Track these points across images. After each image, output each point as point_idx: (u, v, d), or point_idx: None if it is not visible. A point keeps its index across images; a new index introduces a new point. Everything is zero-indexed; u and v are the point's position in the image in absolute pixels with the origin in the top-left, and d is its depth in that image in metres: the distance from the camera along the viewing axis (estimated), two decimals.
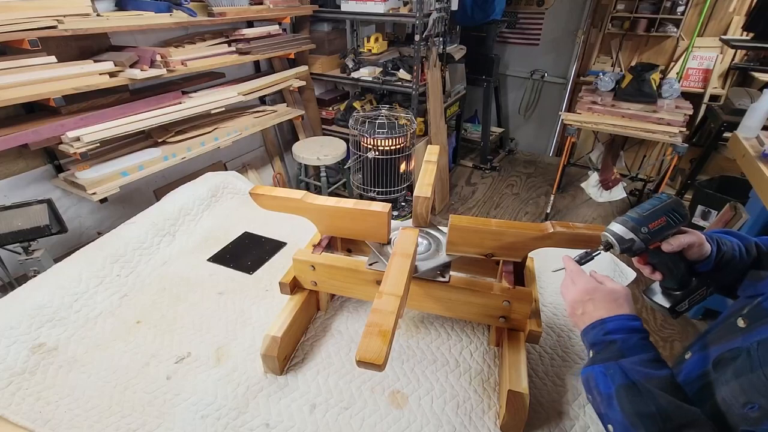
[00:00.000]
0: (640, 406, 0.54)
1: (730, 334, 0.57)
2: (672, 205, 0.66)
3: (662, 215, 0.65)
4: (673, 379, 0.56)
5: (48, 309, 1.04)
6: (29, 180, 1.80)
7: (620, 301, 0.67)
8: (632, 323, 0.63)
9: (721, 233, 0.72)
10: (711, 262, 0.68)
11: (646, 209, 0.66)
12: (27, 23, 1.44)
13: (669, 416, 0.52)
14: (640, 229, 0.65)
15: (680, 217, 0.65)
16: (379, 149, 2.44)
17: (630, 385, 0.56)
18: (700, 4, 3.16)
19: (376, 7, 2.60)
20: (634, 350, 0.59)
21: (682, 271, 0.68)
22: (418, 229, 0.96)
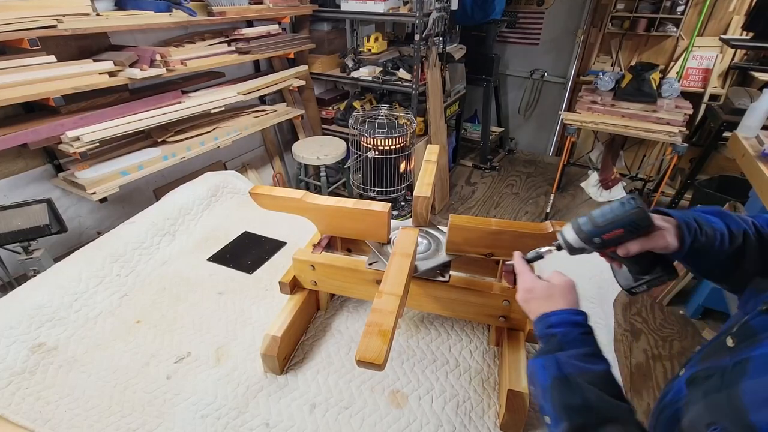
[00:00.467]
0: (568, 398, 0.55)
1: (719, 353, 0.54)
2: (633, 218, 0.60)
3: (620, 227, 0.61)
4: (607, 374, 0.57)
5: (48, 309, 1.04)
6: (29, 180, 1.80)
7: (555, 296, 0.67)
8: (574, 317, 0.64)
9: (712, 214, 0.66)
10: (681, 254, 0.63)
11: (605, 218, 0.62)
12: (26, 23, 1.43)
13: (593, 410, 0.53)
14: (592, 239, 0.63)
15: (639, 228, 0.61)
16: (378, 149, 2.44)
17: (562, 378, 0.57)
18: (699, 3, 3.16)
19: (376, 6, 2.60)
20: (572, 344, 0.60)
21: (643, 264, 0.65)
22: (417, 229, 0.96)
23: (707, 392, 0.49)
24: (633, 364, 2.06)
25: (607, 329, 1.07)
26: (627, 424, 0.52)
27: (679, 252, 0.62)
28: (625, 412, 0.53)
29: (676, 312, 2.36)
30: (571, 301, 0.67)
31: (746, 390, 0.44)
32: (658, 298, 2.43)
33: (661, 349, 2.14)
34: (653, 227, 0.61)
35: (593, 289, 1.20)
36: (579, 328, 0.63)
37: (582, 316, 0.64)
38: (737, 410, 0.43)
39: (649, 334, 2.23)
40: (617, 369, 0.97)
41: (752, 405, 0.42)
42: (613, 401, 0.54)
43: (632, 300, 2.45)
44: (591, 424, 0.52)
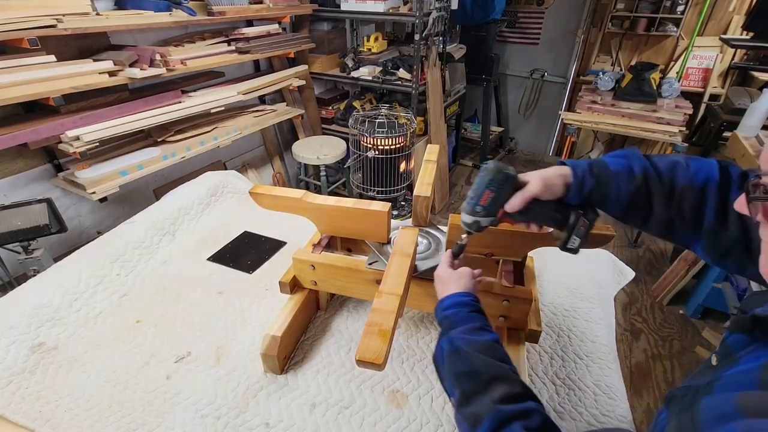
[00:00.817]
0: (458, 367, 0.60)
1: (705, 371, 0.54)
2: (489, 176, 0.67)
3: (485, 189, 0.68)
4: (493, 343, 0.62)
5: (48, 308, 1.04)
6: (29, 179, 1.80)
7: (451, 282, 0.74)
8: (463, 298, 0.70)
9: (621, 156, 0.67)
10: (577, 196, 0.66)
11: (473, 189, 0.69)
12: (26, 22, 1.43)
13: (480, 373, 0.58)
14: (475, 209, 0.69)
15: (502, 183, 0.67)
16: (378, 148, 2.44)
17: (454, 351, 0.62)
18: (699, 3, 3.16)
19: (376, 6, 2.59)
20: (462, 321, 0.66)
21: (549, 215, 0.69)
22: (417, 229, 0.96)
23: (679, 412, 0.49)
24: (633, 364, 2.06)
25: (608, 329, 1.07)
26: (510, 381, 0.57)
27: (575, 196, 0.66)
28: (505, 370, 0.58)
29: (675, 312, 2.36)
30: (463, 286, 0.73)
31: (704, 407, 0.43)
32: (657, 298, 2.44)
33: (661, 349, 2.14)
34: (517, 179, 0.68)
35: (593, 289, 1.20)
36: (467, 308, 0.68)
37: (470, 297, 0.71)
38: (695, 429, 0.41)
39: (649, 333, 2.23)
40: (618, 369, 0.97)
41: (706, 423, 0.41)
42: (497, 363, 0.59)
43: (632, 300, 2.45)
44: (479, 386, 0.57)
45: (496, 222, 0.71)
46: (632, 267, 1.36)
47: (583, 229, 0.67)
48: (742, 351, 0.49)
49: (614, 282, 1.28)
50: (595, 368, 0.96)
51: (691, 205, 0.61)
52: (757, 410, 0.37)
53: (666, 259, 2.78)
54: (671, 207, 0.62)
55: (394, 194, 2.63)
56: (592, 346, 1.02)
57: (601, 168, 0.66)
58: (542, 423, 0.52)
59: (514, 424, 0.51)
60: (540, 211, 0.68)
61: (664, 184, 0.63)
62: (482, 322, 0.66)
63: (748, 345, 0.49)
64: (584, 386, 0.92)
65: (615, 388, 0.92)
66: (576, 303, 1.15)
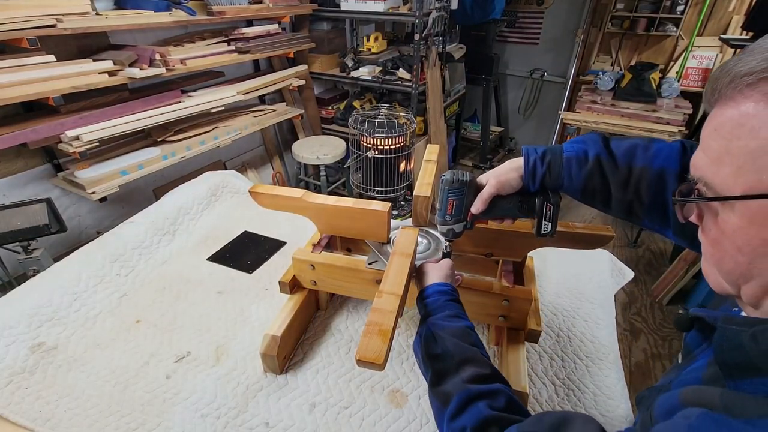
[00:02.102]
0: (432, 349, 0.63)
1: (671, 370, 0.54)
2: (447, 187, 0.72)
3: (447, 198, 0.73)
4: (466, 329, 0.65)
5: (47, 308, 1.04)
6: (28, 179, 1.80)
7: (432, 272, 0.77)
8: (441, 288, 0.73)
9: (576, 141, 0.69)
10: (531, 185, 0.69)
11: (438, 201, 0.74)
12: (26, 22, 1.43)
13: (451, 354, 0.61)
14: (444, 218, 0.75)
15: (459, 189, 0.72)
16: (378, 148, 2.44)
17: (429, 335, 0.65)
18: (699, 3, 3.16)
19: (376, 6, 2.59)
20: (439, 309, 0.69)
21: (515, 207, 0.72)
22: (417, 228, 0.96)
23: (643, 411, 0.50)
24: (633, 364, 2.06)
25: (608, 329, 1.07)
26: (480, 363, 0.60)
27: (530, 183, 0.69)
28: (478, 354, 0.61)
29: (675, 311, 2.36)
30: (443, 276, 0.76)
31: (659, 403, 0.44)
32: (657, 298, 2.44)
33: (661, 349, 2.14)
34: (475, 182, 0.72)
35: (593, 288, 1.20)
36: (444, 296, 0.71)
37: (449, 287, 0.73)
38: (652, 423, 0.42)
39: (649, 333, 2.23)
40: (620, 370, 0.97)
41: (658, 417, 0.42)
42: (467, 346, 0.62)
43: (632, 300, 2.45)
44: (451, 367, 0.60)
45: (469, 225, 0.76)
46: (632, 267, 1.36)
47: (550, 213, 0.70)
48: (697, 349, 0.50)
49: (614, 282, 1.28)
50: (595, 369, 0.96)
51: (649, 188, 0.61)
52: (692, 400, 0.39)
53: (665, 259, 2.78)
54: (628, 190, 0.63)
55: (393, 194, 2.63)
56: (592, 346, 1.02)
57: (554, 155, 0.68)
58: (507, 403, 0.55)
59: (480, 403, 0.54)
60: (504, 206, 0.72)
61: (619, 168, 0.64)
62: (458, 310, 0.69)
63: (701, 343, 0.50)
64: (584, 387, 0.92)
65: (615, 388, 0.92)
66: (576, 303, 1.15)
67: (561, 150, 0.68)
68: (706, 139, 0.41)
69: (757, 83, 0.36)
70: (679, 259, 2.32)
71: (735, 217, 0.38)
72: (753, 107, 0.36)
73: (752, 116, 0.36)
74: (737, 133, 0.37)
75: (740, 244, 0.39)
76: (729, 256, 0.40)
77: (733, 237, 0.39)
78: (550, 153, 0.68)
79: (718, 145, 0.39)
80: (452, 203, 0.73)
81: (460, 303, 0.72)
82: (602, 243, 0.84)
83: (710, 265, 0.45)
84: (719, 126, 0.39)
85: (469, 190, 0.72)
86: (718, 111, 0.40)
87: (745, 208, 0.37)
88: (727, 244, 0.40)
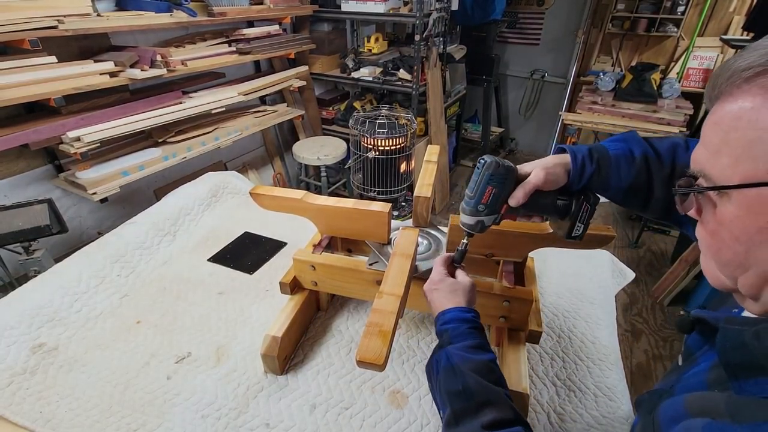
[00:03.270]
0: (451, 384, 0.59)
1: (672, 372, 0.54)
2: (489, 171, 0.64)
3: (486, 185, 0.65)
4: (490, 363, 0.61)
5: (48, 309, 1.04)
6: (30, 180, 1.80)
7: (458, 292, 0.71)
8: (464, 314, 0.67)
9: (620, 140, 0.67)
10: (577, 183, 0.66)
11: (471, 188, 0.66)
12: (27, 23, 1.44)
13: (473, 393, 0.57)
14: (477, 209, 0.67)
15: (503, 177, 0.65)
16: (379, 149, 2.44)
17: (449, 368, 0.61)
18: (700, 4, 3.16)
19: (377, 7, 2.60)
20: (460, 337, 0.64)
21: (552, 205, 0.67)
22: (418, 229, 0.96)
23: (644, 415, 0.49)
24: (634, 365, 2.06)
25: (609, 330, 1.07)
26: (501, 406, 0.56)
27: (575, 183, 0.65)
28: (498, 395, 0.57)
29: (676, 312, 2.36)
30: (469, 300, 0.71)
31: (662, 409, 0.43)
32: (658, 299, 2.43)
33: (662, 350, 2.14)
34: (517, 171, 0.66)
35: (594, 289, 1.20)
36: (467, 324, 0.66)
37: (472, 314, 0.68)
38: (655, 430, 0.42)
39: (650, 334, 2.23)
40: (621, 371, 0.97)
41: (663, 424, 0.41)
42: (491, 386, 0.58)
43: (633, 300, 2.45)
44: (470, 408, 0.56)
45: (498, 220, 0.69)
46: (632, 268, 1.36)
47: (586, 214, 0.66)
48: (699, 351, 0.50)
49: (614, 283, 1.28)
50: (596, 369, 0.96)
51: None
52: (697, 409, 0.39)
53: (666, 260, 2.78)
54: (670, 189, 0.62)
55: (394, 195, 2.63)
56: (593, 347, 1.02)
57: (601, 153, 0.65)
58: None
59: None
60: (543, 202, 0.66)
61: (664, 166, 0.63)
62: (481, 340, 0.65)
63: (702, 345, 0.49)
64: (585, 388, 0.92)
65: (616, 389, 0.92)
66: (577, 304, 1.15)
67: (606, 148, 0.66)
68: (707, 133, 0.42)
69: (755, 77, 0.36)
70: (680, 260, 2.32)
71: (732, 207, 0.39)
72: (751, 100, 0.37)
73: (750, 109, 0.36)
74: (735, 125, 0.38)
75: (737, 234, 0.39)
76: (726, 246, 0.40)
77: (731, 226, 0.39)
78: (596, 151, 0.66)
79: (718, 138, 0.40)
80: (490, 191, 0.65)
81: (482, 330, 0.67)
82: (603, 243, 0.84)
83: (708, 258, 0.45)
84: (719, 120, 0.40)
85: (510, 178, 0.65)
86: (717, 106, 0.40)
87: (742, 197, 0.38)
88: (724, 234, 0.40)
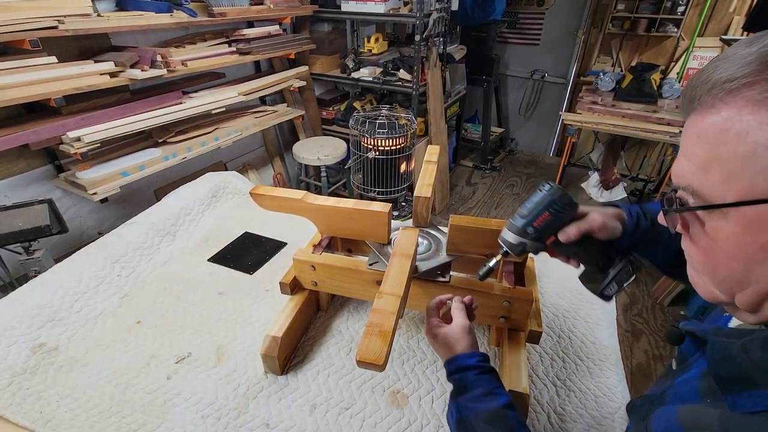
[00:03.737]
0: None
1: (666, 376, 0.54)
2: (552, 197, 0.62)
3: (544, 210, 0.62)
4: (502, 409, 0.59)
5: (48, 309, 1.04)
6: (30, 180, 1.80)
7: (451, 343, 0.69)
8: (467, 361, 0.66)
9: None
10: (628, 238, 0.64)
11: (527, 208, 0.63)
12: (28, 23, 1.44)
13: None
14: (526, 230, 0.63)
15: (564, 207, 0.62)
16: (379, 149, 2.44)
17: (460, 421, 0.61)
18: (700, 4, 3.16)
19: (377, 7, 2.60)
20: (467, 388, 0.63)
21: (596, 254, 0.64)
22: (418, 229, 0.96)
23: (637, 421, 0.49)
24: (634, 365, 2.06)
25: (609, 330, 1.07)
26: None
27: (627, 237, 0.64)
28: None
29: (676, 313, 2.36)
30: (467, 344, 0.69)
31: (655, 418, 0.43)
32: (658, 299, 2.43)
33: (662, 350, 2.14)
34: (578, 208, 0.64)
35: None
36: (472, 371, 0.65)
37: (475, 358, 0.66)
38: None
39: (650, 334, 2.23)
40: (621, 371, 0.97)
41: None
42: None
43: (633, 301, 2.45)
44: None
45: (540, 249, 0.66)
46: None
47: (626, 276, 0.64)
48: (692, 357, 0.50)
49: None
50: (596, 370, 0.96)
51: None
52: (692, 424, 0.39)
53: None
54: None
55: (394, 195, 2.63)
56: (593, 347, 1.02)
57: (655, 212, 0.65)
58: None
59: None
60: (589, 248, 0.64)
61: None
62: (491, 385, 0.62)
63: (696, 351, 0.49)
64: (585, 388, 0.92)
65: (617, 390, 0.91)
66: (577, 304, 1.15)
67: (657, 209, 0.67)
68: (689, 146, 0.40)
69: (740, 89, 0.35)
70: None
71: (729, 225, 0.37)
72: (736, 113, 0.35)
73: (736, 121, 0.35)
74: (723, 138, 0.36)
75: (735, 252, 0.38)
76: (723, 264, 0.39)
77: (727, 245, 0.38)
78: (649, 211, 0.66)
79: (704, 151, 0.38)
80: (546, 217, 0.62)
81: (492, 372, 0.65)
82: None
83: (700, 275, 0.44)
84: (701, 133, 0.38)
85: (569, 212, 0.63)
86: (698, 118, 0.39)
87: (740, 215, 0.36)
88: (720, 252, 0.39)
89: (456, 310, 0.73)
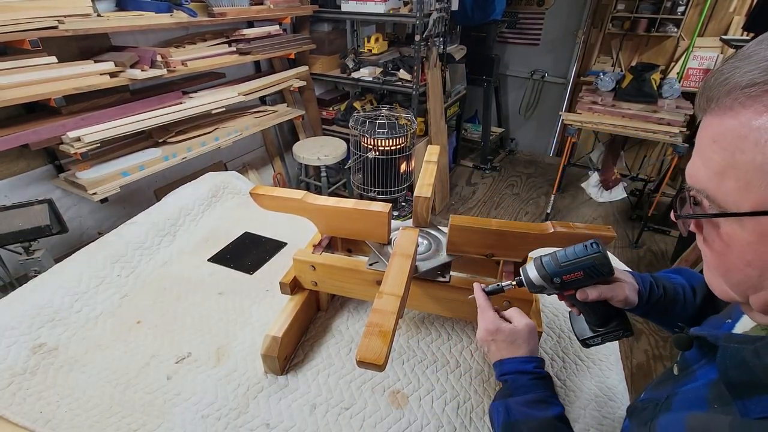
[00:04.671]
0: None
1: (666, 381, 0.54)
2: (593, 261, 0.61)
3: (580, 269, 0.62)
4: (554, 421, 0.58)
5: (48, 309, 1.04)
6: (30, 180, 1.80)
7: (519, 342, 0.68)
8: (524, 366, 0.65)
9: (671, 273, 0.70)
10: (638, 309, 0.66)
11: (566, 259, 0.63)
12: (28, 23, 1.44)
13: None
14: (552, 279, 0.63)
15: (600, 274, 0.62)
16: (379, 149, 2.44)
17: (510, 423, 0.59)
18: (700, 4, 3.16)
19: (377, 7, 2.60)
20: (521, 390, 0.62)
21: (600, 314, 0.66)
22: (418, 229, 0.96)
23: (639, 424, 0.49)
24: (634, 365, 2.06)
25: None
26: None
27: (637, 307, 0.65)
28: None
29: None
30: (532, 348, 0.68)
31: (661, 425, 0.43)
32: None
33: (662, 350, 2.14)
34: (613, 275, 0.64)
35: None
36: (528, 375, 0.64)
37: (531, 364, 0.65)
38: None
39: (650, 334, 2.23)
40: (621, 372, 0.97)
41: None
42: None
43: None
44: None
45: (553, 294, 0.67)
46: (633, 268, 1.36)
47: (612, 337, 0.67)
48: (696, 365, 0.49)
49: None
50: (596, 370, 0.96)
51: None
52: None
53: (667, 260, 2.78)
54: None
55: (394, 195, 2.63)
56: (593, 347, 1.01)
57: (665, 282, 0.68)
58: None
59: None
60: (598, 309, 0.66)
61: None
62: (545, 393, 0.62)
63: (701, 359, 0.49)
64: (585, 388, 0.92)
65: (617, 390, 0.91)
66: None
67: (668, 278, 0.69)
68: (705, 150, 0.39)
69: (761, 95, 0.34)
70: (680, 260, 2.32)
71: (744, 233, 0.37)
72: (755, 119, 0.34)
73: (755, 128, 0.34)
74: (740, 145, 0.35)
75: (750, 259, 0.37)
76: (737, 269, 0.39)
77: (742, 251, 0.38)
78: (662, 280, 0.68)
79: (720, 157, 0.37)
80: (577, 276, 0.62)
81: (547, 379, 0.65)
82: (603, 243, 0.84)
83: (715, 276, 0.44)
84: (718, 137, 0.38)
85: (601, 279, 0.63)
86: (714, 120, 0.38)
87: (756, 224, 0.36)
88: (734, 258, 0.39)
89: (516, 312, 0.72)
